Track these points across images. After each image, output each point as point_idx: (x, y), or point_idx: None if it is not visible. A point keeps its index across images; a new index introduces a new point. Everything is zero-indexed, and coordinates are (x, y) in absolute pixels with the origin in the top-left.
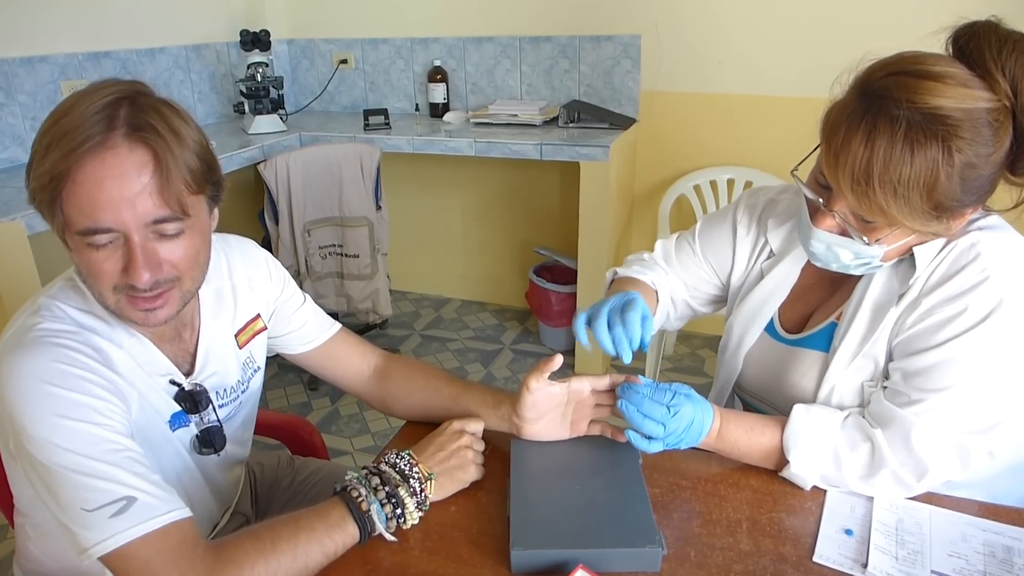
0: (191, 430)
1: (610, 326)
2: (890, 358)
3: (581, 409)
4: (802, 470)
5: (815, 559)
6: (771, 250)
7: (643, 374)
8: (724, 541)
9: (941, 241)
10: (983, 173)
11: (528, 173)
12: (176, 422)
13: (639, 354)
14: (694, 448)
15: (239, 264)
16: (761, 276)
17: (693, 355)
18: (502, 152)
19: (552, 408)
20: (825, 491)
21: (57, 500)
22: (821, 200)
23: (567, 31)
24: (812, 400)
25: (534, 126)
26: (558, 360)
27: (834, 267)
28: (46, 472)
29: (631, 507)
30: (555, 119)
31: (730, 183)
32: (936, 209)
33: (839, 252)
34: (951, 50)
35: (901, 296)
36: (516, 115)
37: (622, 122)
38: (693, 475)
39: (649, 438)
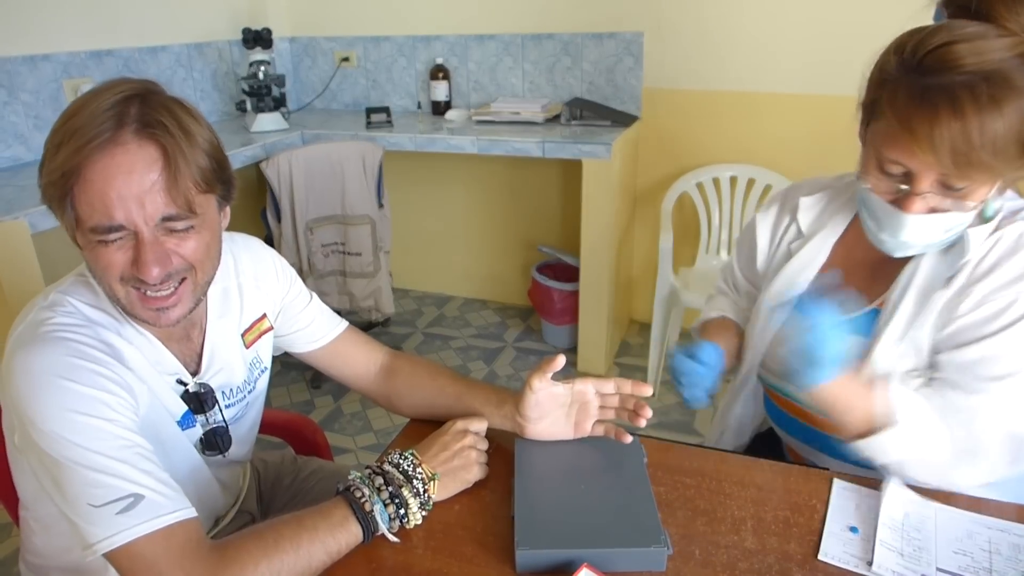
0: (197, 431)
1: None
2: (936, 349)
3: (585, 410)
4: (893, 443)
5: (820, 557)
6: (798, 228)
7: (645, 371)
8: (729, 539)
9: (991, 224)
10: None
11: (530, 171)
12: (185, 422)
13: (640, 352)
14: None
15: (246, 263)
16: (789, 255)
17: None
18: (504, 150)
19: (556, 408)
20: (831, 489)
21: (64, 495)
22: (905, 187)
23: (569, 28)
24: None
25: (536, 124)
26: (560, 360)
27: (915, 251)
28: (54, 466)
29: (636, 506)
30: (557, 117)
31: (733, 180)
32: (1022, 148)
33: (932, 230)
34: (949, 12)
35: (950, 280)
36: (518, 113)
37: (624, 119)
38: (697, 473)
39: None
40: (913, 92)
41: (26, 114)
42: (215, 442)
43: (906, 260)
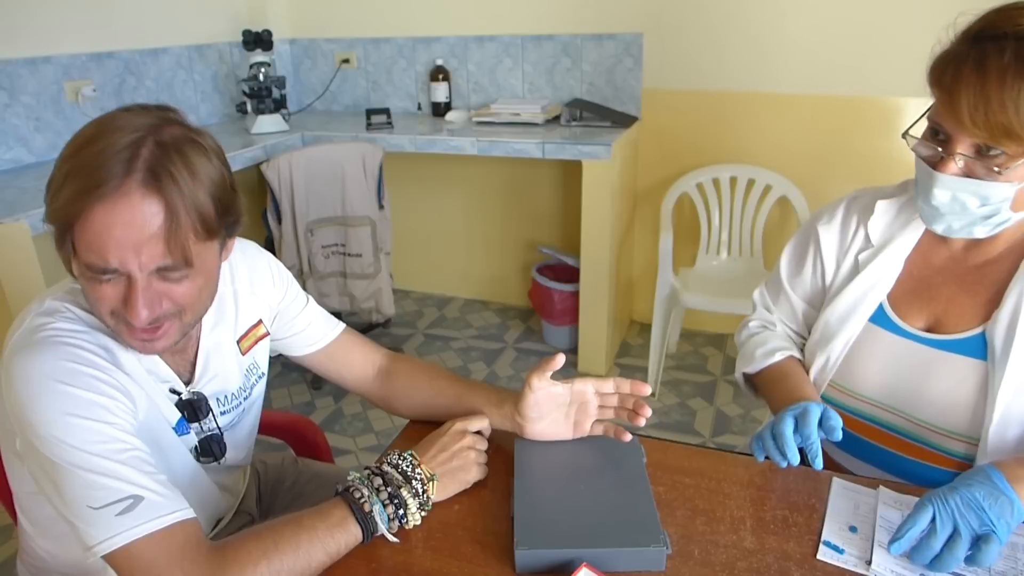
0: (192, 438)
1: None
2: None
3: (584, 410)
4: None
5: (819, 557)
6: (867, 237)
7: (646, 371)
8: (728, 539)
9: None
10: None
11: (530, 172)
12: (180, 429)
13: (641, 352)
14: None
15: (241, 269)
16: (858, 267)
17: (696, 353)
18: (504, 151)
19: (555, 408)
20: (830, 488)
21: (63, 497)
22: (939, 149)
23: (569, 30)
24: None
25: (536, 125)
26: (560, 359)
27: (957, 227)
28: (54, 469)
29: (635, 506)
30: (557, 118)
31: (733, 180)
32: None
33: (965, 200)
34: None
35: None
36: (518, 114)
37: (624, 120)
38: (696, 473)
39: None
40: (951, 53)
41: (27, 116)
42: (210, 449)
43: (1004, 269)
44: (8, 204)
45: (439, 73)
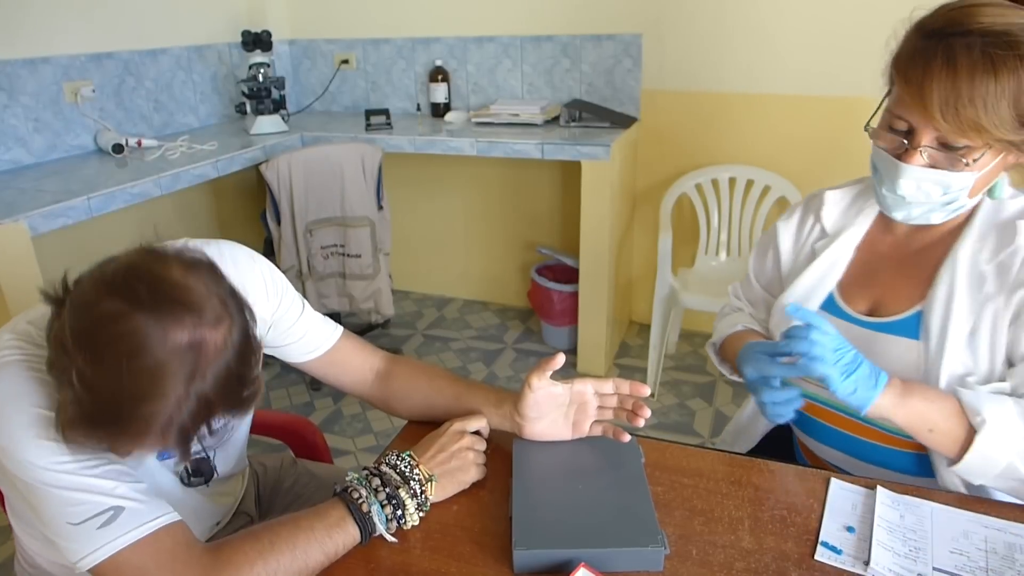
0: (179, 463)
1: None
2: (1006, 354)
3: (583, 410)
4: (988, 454)
5: (817, 557)
6: (822, 228)
7: (645, 372)
8: (726, 539)
9: None
10: None
11: (530, 172)
12: (162, 455)
13: (640, 353)
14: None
15: (232, 280)
16: (813, 255)
17: (695, 353)
18: (504, 152)
19: (554, 408)
20: (828, 488)
21: (41, 517)
22: (904, 141)
23: (568, 30)
24: None
25: (535, 125)
26: (560, 359)
27: (917, 215)
28: (28, 491)
29: (633, 506)
30: (556, 118)
31: (732, 181)
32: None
33: (929, 190)
34: None
35: (999, 271)
36: (517, 115)
37: (623, 121)
38: (695, 473)
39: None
40: (917, 48)
41: (26, 117)
42: (200, 470)
43: (938, 255)
44: (7, 205)
45: (438, 74)
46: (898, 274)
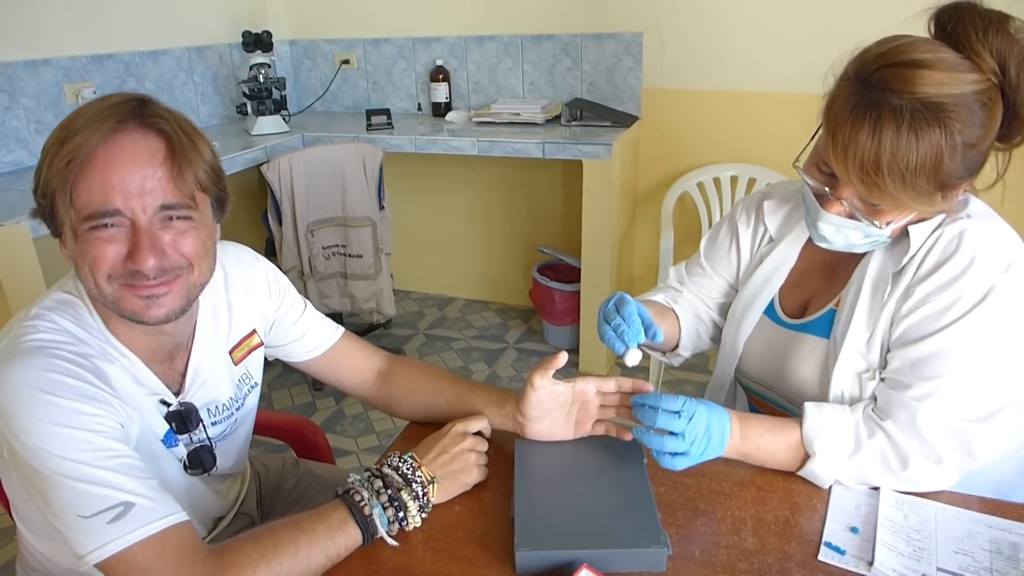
0: (181, 450)
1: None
2: (888, 348)
3: (585, 410)
4: (824, 466)
5: (820, 557)
6: (769, 235)
7: (647, 371)
8: (729, 540)
9: (935, 220)
10: (981, 149)
11: (531, 172)
12: (168, 441)
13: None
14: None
15: (236, 278)
16: (760, 261)
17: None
18: (505, 151)
19: (556, 408)
20: (831, 489)
21: (52, 508)
22: (827, 188)
23: (569, 29)
24: (814, 387)
25: (536, 125)
26: (563, 357)
27: (840, 246)
28: (41, 480)
29: (636, 507)
30: (557, 117)
31: (733, 180)
32: (941, 188)
33: (848, 233)
34: (933, 30)
35: (896, 276)
36: (518, 114)
37: (624, 120)
38: (697, 473)
39: (674, 454)
40: (852, 101)
41: (27, 119)
42: (200, 460)
43: (859, 258)
44: (9, 206)
45: (439, 73)
46: (824, 277)
